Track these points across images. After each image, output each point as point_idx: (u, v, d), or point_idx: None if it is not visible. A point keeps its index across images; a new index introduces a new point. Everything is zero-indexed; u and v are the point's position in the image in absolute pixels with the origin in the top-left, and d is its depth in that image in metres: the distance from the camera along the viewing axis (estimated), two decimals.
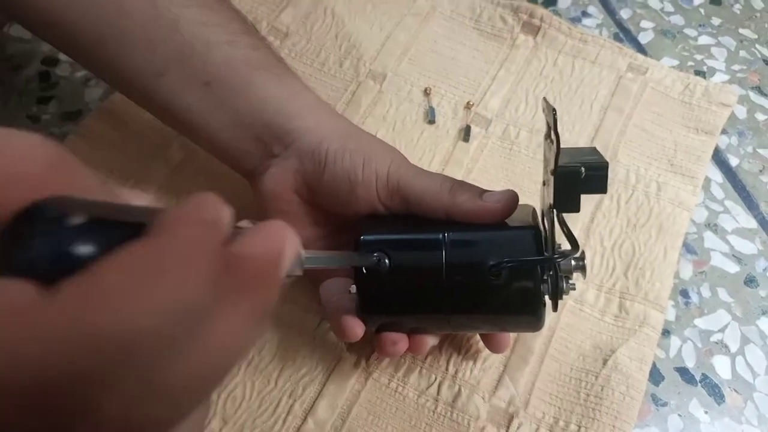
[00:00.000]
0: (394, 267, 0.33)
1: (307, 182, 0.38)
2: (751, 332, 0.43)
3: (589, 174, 0.30)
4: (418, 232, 0.35)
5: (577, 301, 0.43)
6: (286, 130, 0.38)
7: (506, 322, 0.36)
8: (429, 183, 0.36)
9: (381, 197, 0.36)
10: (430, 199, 0.35)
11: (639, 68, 0.53)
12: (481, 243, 0.34)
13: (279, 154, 0.39)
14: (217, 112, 0.39)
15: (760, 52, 0.57)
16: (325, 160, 0.37)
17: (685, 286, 0.45)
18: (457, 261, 0.33)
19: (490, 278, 0.33)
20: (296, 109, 0.39)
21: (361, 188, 0.36)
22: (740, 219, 0.48)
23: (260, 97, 0.39)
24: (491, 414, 0.39)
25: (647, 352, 0.41)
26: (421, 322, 0.36)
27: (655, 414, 0.40)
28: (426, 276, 0.34)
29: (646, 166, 0.49)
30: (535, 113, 0.51)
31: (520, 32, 0.55)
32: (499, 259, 0.32)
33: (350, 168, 0.36)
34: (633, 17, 0.59)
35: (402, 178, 0.36)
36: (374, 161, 0.36)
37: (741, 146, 0.52)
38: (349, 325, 0.35)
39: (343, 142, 0.37)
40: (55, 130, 0.51)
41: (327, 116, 0.40)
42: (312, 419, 0.38)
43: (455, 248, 0.33)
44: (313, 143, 0.38)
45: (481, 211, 0.34)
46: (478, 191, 0.35)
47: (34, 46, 0.56)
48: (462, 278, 0.33)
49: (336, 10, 0.56)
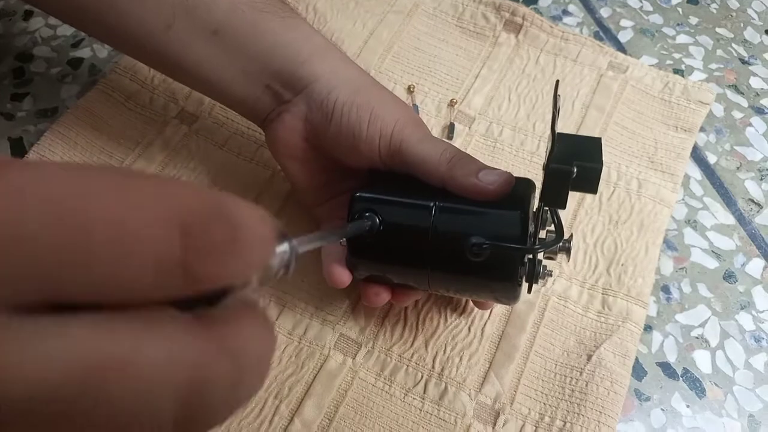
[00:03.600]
0: (382, 226, 0.35)
1: (315, 130, 0.38)
2: (731, 327, 0.44)
3: (581, 175, 0.30)
4: (410, 196, 0.36)
5: (561, 297, 0.43)
6: (297, 76, 0.38)
7: (482, 293, 0.38)
8: (429, 151, 0.36)
9: (382, 156, 0.37)
10: (428, 167, 0.36)
11: (619, 66, 0.54)
12: (469, 218, 0.34)
13: (290, 101, 0.39)
14: (227, 61, 0.39)
15: (737, 51, 0.58)
16: (332, 112, 0.37)
17: (666, 282, 0.46)
18: (442, 231, 0.34)
19: (471, 254, 0.33)
20: (306, 54, 0.39)
21: (364, 145, 0.37)
22: (719, 215, 0.49)
23: (269, 43, 0.39)
24: (477, 411, 0.39)
25: (630, 347, 0.42)
26: (403, 279, 0.38)
27: (638, 408, 0.41)
28: (411, 240, 0.35)
29: (627, 164, 0.49)
30: (517, 111, 0.51)
31: (503, 30, 0.55)
32: (482, 238, 0.33)
33: (355, 123, 0.37)
34: (613, 16, 0.60)
35: (404, 141, 0.36)
36: (380, 119, 0.37)
37: (719, 144, 0.52)
38: (336, 273, 0.37)
39: (352, 95, 0.37)
40: (30, 128, 0.50)
41: (338, 62, 0.40)
42: (298, 419, 0.38)
43: (443, 219, 0.35)
44: (323, 93, 0.38)
45: (475, 190, 0.34)
46: (475, 168, 0.35)
47: (8, 41, 0.55)
48: (445, 248, 0.34)
49: (318, 7, 0.55)
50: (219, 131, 0.49)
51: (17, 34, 0.55)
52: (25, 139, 0.49)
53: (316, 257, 0.44)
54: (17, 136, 0.49)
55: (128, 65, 0.51)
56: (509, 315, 0.42)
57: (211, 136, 0.48)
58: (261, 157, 0.48)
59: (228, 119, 0.49)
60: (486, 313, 0.42)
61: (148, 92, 0.50)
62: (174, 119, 0.49)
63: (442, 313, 0.42)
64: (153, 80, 0.50)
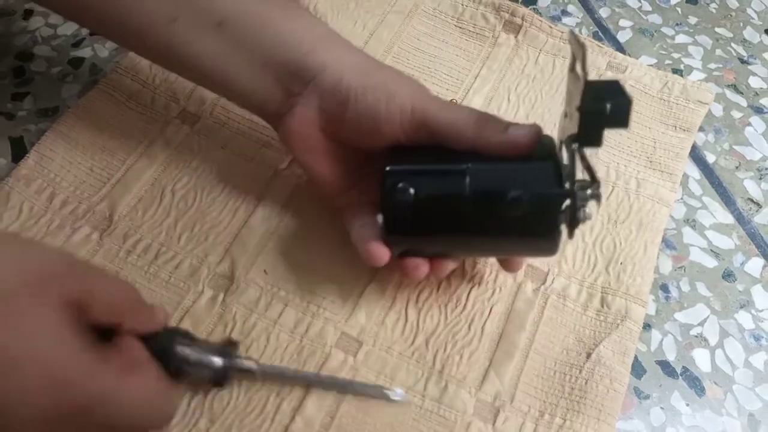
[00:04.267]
0: (419, 196, 0.35)
1: (331, 119, 0.38)
2: (730, 326, 0.44)
3: (613, 110, 0.31)
4: (442, 162, 0.36)
5: (560, 296, 0.44)
6: (303, 66, 0.38)
7: (524, 247, 0.39)
8: (455, 116, 0.36)
9: (406, 131, 0.37)
10: (456, 132, 0.36)
11: (618, 66, 0.54)
12: (504, 174, 0.35)
13: (300, 93, 0.38)
14: (233, 54, 0.39)
15: (736, 51, 0.58)
16: (346, 98, 0.37)
17: (665, 281, 0.46)
18: (480, 191, 0.35)
19: (511, 209, 0.34)
20: (310, 43, 0.39)
21: (386, 124, 0.37)
22: (717, 215, 0.49)
23: (273, 34, 0.39)
24: (478, 408, 0.39)
25: (629, 345, 0.42)
26: (443, 247, 0.38)
27: (638, 407, 0.41)
28: (449, 205, 0.36)
29: (626, 163, 0.49)
30: (517, 111, 0.52)
31: (502, 31, 0.56)
32: (520, 190, 0.34)
33: (373, 105, 0.37)
34: (612, 16, 0.60)
35: (427, 111, 0.36)
36: (397, 96, 0.37)
37: (717, 143, 0.53)
38: (375, 251, 0.37)
39: (363, 79, 0.37)
40: (31, 127, 0.50)
41: (343, 49, 0.40)
42: (300, 417, 0.38)
43: (479, 179, 0.35)
44: (333, 81, 0.37)
45: (506, 144, 0.35)
46: (503, 125, 0.35)
47: (8, 41, 0.55)
48: (483, 208, 0.35)
49: (318, 8, 0.56)
50: (221, 131, 0.49)
51: (17, 33, 0.55)
52: (26, 138, 0.49)
53: (320, 252, 0.44)
54: (18, 136, 0.49)
55: (129, 65, 0.51)
56: (509, 313, 0.43)
57: (212, 136, 0.49)
58: (263, 156, 0.48)
59: (230, 119, 0.49)
60: (486, 312, 0.42)
61: (149, 92, 0.50)
62: (175, 119, 0.49)
63: (443, 311, 0.42)
64: (154, 80, 0.51)
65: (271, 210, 0.46)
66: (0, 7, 0.57)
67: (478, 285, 0.43)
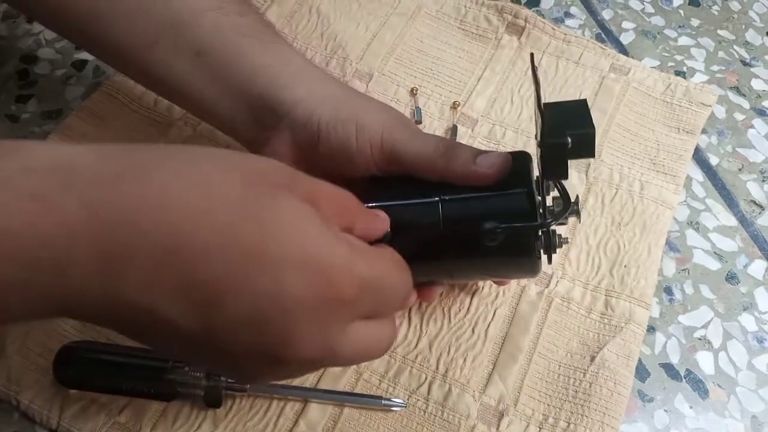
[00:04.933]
0: (395, 231, 0.34)
1: (305, 153, 0.38)
2: (733, 328, 0.44)
3: (576, 143, 0.30)
4: (414, 196, 0.36)
5: (564, 299, 0.44)
6: (277, 101, 0.38)
7: (505, 272, 0.39)
8: (423, 148, 0.36)
9: (377, 163, 0.37)
10: (424, 164, 0.36)
11: (621, 68, 0.54)
12: (477, 206, 0.35)
13: (274, 126, 0.38)
14: (210, 83, 0.39)
15: (738, 53, 0.58)
16: (318, 132, 0.37)
17: (669, 284, 0.46)
18: (453, 224, 0.35)
19: (486, 239, 0.34)
20: (287, 78, 0.39)
21: (358, 157, 0.37)
22: (721, 217, 0.49)
23: (250, 67, 0.39)
24: (482, 412, 0.39)
25: (633, 348, 0.42)
26: (425, 276, 0.38)
27: (642, 410, 0.41)
28: (425, 238, 0.35)
29: (630, 165, 0.49)
30: (520, 113, 0.52)
31: (505, 33, 0.55)
32: (494, 223, 0.34)
33: (344, 138, 0.36)
34: (615, 18, 0.60)
35: (396, 143, 0.36)
36: (366, 129, 0.36)
37: (720, 145, 0.53)
38: None
39: (334, 112, 0.37)
40: (35, 129, 0.50)
41: (317, 82, 0.40)
42: (303, 421, 0.38)
43: (451, 211, 0.35)
44: (305, 115, 0.37)
45: (474, 176, 0.35)
46: (471, 156, 0.35)
47: (12, 44, 0.55)
48: (459, 239, 0.35)
49: (321, 9, 0.56)
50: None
51: (21, 36, 0.55)
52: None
53: None
54: (22, 138, 0.49)
55: None
56: (513, 317, 0.43)
57: (214, 137, 0.49)
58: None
59: None
60: (489, 315, 0.42)
61: (152, 94, 0.50)
62: (178, 121, 0.49)
63: (446, 314, 0.42)
64: None
65: None
66: (4, 10, 0.57)
67: (482, 288, 0.43)
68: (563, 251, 0.45)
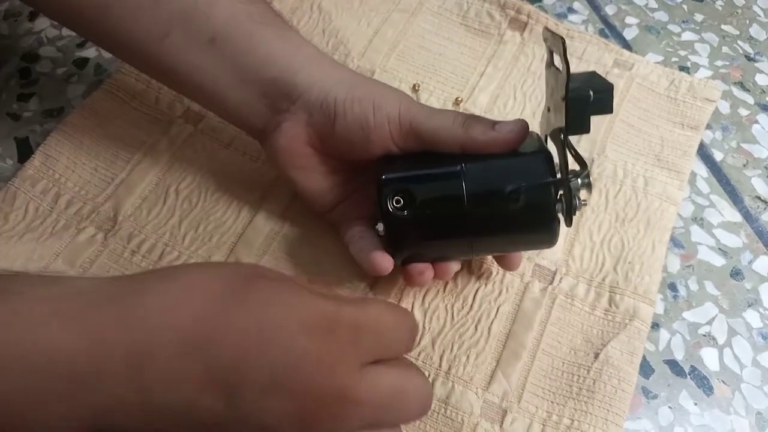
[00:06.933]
0: (417, 202, 0.35)
1: (320, 134, 0.39)
2: (738, 324, 0.44)
3: (597, 97, 0.33)
4: (436, 166, 0.37)
5: (568, 295, 0.43)
6: (292, 84, 0.39)
7: (525, 241, 0.39)
8: (442, 120, 0.37)
9: (395, 139, 0.37)
10: (444, 135, 0.36)
11: (625, 64, 0.54)
12: (498, 170, 0.36)
13: (287, 110, 0.39)
14: (223, 70, 0.39)
15: (742, 48, 0.58)
16: (334, 111, 0.38)
17: (673, 280, 0.46)
18: (476, 190, 0.35)
19: (509, 203, 0.35)
20: (300, 63, 0.39)
21: (375, 133, 0.37)
22: (725, 213, 0.49)
23: (264, 53, 0.39)
24: (485, 409, 0.39)
25: (637, 345, 0.41)
26: (445, 250, 0.39)
27: (646, 406, 0.41)
28: (448, 207, 0.36)
29: (634, 161, 0.49)
30: (523, 109, 0.51)
31: (508, 28, 0.55)
32: (516, 184, 0.35)
33: (361, 115, 0.37)
34: (618, 13, 0.59)
35: (414, 118, 0.37)
36: (384, 106, 0.37)
37: (725, 141, 0.52)
38: (379, 261, 0.38)
39: (349, 91, 0.38)
40: (36, 128, 0.50)
41: (330, 67, 0.40)
42: None
43: (474, 178, 0.36)
44: (320, 96, 0.38)
45: (495, 142, 0.36)
46: (490, 123, 0.36)
47: (14, 42, 0.55)
48: (482, 205, 0.36)
49: (323, 5, 0.55)
50: (224, 131, 0.49)
51: (23, 34, 0.55)
52: (32, 138, 0.49)
53: (326, 251, 0.44)
54: (23, 136, 0.49)
55: None
56: (516, 314, 0.42)
57: (216, 135, 0.48)
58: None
59: None
60: (493, 312, 0.42)
61: (153, 92, 0.50)
62: (179, 118, 0.49)
63: (449, 311, 0.42)
64: None
65: (276, 209, 0.45)
66: (6, 8, 0.57)
67: (485, 285, 0.43)
68: (567, 248, 0.45)
